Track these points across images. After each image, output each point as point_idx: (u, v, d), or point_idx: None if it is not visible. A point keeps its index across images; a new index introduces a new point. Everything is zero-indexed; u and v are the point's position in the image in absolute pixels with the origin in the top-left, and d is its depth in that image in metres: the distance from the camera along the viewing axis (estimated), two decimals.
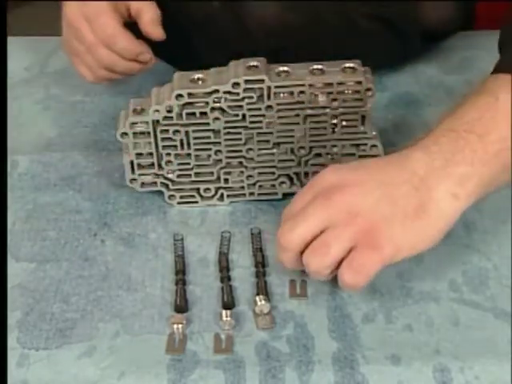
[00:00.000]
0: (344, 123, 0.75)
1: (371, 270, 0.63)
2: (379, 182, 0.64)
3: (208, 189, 0.78)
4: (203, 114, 0.74)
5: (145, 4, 0.84)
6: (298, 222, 0.65)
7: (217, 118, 0.74)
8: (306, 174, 0.77)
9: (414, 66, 0.96)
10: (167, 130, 0.75)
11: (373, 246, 0.62)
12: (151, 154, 0.76)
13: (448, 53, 0.98)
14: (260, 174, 0.78)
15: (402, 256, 0.64)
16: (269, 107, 0.74)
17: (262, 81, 0.72)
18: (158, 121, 0.74)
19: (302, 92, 0.73)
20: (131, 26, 0.85)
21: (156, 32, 0.84)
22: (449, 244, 0.74)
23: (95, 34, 0.80)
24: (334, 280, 0.66)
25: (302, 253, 0.65)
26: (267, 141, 0.76)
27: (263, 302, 0.68)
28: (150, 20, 0.84)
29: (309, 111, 0.74)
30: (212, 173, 0.78)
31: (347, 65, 0.73)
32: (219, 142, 0.76)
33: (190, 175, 0.78)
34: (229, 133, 0.75)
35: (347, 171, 0.67)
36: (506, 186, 0.69)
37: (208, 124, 0.74)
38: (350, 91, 0.73)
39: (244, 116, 0.74)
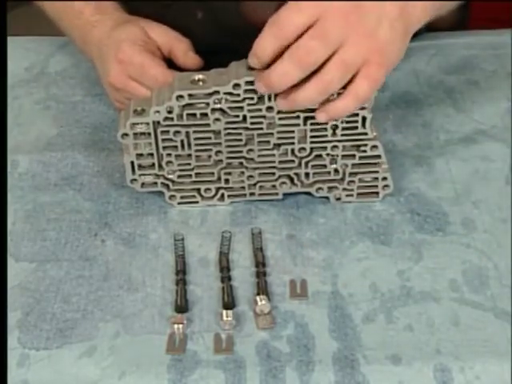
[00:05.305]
0: (344, 124, 0.75)
1: (381, 82, 0.71)
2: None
3: (208, 189, 0.78)
4: (204, 114, 0.74)
5: (174, 40, 0.85)
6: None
7: (217, 119, 0.74)
8: (307, 174, 0.77)
9: (414, 66, 0.96)
10: (168, 131, 0.75)
11: (382, 62, 0.70)
12: (152, 154, 0.76)
13: (448, 53, 0.98)
14: (260, 174, 0.78)
15: (391, 69, 0.72)
16: (269, 108, 0.74)
17: None
18: (158, 122, 0.74)
19: None
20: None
21: (192, 61, 0.84)
22: (449, 243, 0.74)
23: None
24: None
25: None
26: (268, 142, 0.76)
27: (263, 301, 0.68)
28: (183, 52, 0.84)
29: (309, 112, 0.74)
30: (213, 173, 0.78)
31: None
32: (220, 143, 0.76)
33: (190, 175, 0.78)
34: (229, 134, 0.75)
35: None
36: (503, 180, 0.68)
37: (208, 125, 0.74)
38: None
39: (245, 117, 0.74)
